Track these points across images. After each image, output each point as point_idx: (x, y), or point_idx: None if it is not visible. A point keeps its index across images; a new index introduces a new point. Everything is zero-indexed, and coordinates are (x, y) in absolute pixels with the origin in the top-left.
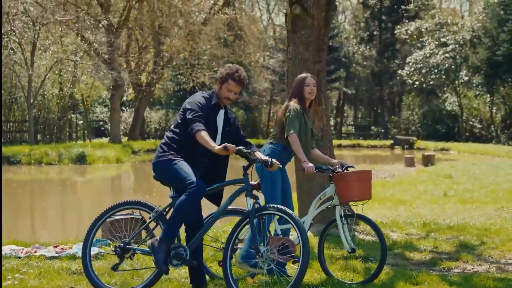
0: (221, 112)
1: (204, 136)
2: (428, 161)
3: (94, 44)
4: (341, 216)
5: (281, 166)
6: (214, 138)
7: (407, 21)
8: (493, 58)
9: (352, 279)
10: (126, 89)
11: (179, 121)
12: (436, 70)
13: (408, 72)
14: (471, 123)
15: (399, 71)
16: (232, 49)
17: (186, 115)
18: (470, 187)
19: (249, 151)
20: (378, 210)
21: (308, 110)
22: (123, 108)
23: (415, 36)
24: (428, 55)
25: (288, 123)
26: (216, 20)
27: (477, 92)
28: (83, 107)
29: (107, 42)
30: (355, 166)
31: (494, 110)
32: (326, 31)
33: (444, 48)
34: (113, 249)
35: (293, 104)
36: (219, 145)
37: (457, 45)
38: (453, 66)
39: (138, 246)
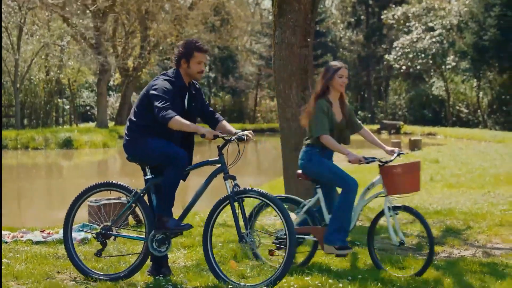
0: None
1: (180, 120)
2: (414, 145)
3: (81, 29)
4: (389, 208)
5: (252, 137)
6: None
7: (394, 5)
8: (480, 43)
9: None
10: (113, 73)
11: (143, 106)
12: (423, 55)
13: (395, 57)
14: (458, 108)
15: (386, 56)
16: (219, 33)
17: (153, 102)
18: (457, 172)
19: (225, 135)
20: None
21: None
22: (110, 92)
23: (402, 21)
24: (415, 40)
25: (315, 124)
26: (203, 5)
27: (464, 77)
28: (70, 92)
29: (93, 27)
30: (407, 152)
31: (480, 95)
32: (313, 15)
33: (431, 33)
34: (94, 236)
35: (315, 103)
36: None
37: (444, 30)
38: (440, 51)
39: (119, 231)
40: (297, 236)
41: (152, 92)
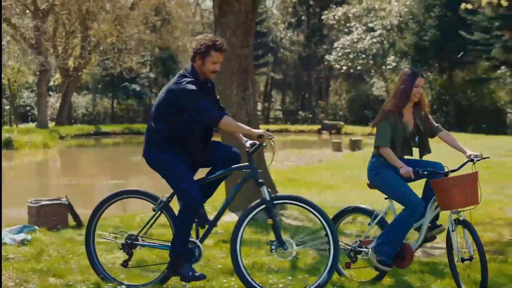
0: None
1: (231, 120)
2: (355, 146)
3: (21, 28)
4: (454, 221)
5: (273, 136)
6: None
7: (334, 6)
8: (420, 43)
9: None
10: (53, 74)
11: (165, 108)
12: (363, 55)
13: (335, 58)
14: None
15: (327, 56)
16: (159, 33)
17: (189, 106)
18: None
19: (260, 142)
20: (305, 195)
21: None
22: (50, 93)
23: (342, 22)
24: (355, 40)
25: (377, 133)
26: (144, 5)
27: None
28: (10, 92)
29: (34, 27)
30: (488, 157)
31: None
32: (253, 16)
33: (372, 33)
34: (120, 246)
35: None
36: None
37: (384, 31)
38: (380, 51)
39: (144, 240)
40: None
41: (181, 97)
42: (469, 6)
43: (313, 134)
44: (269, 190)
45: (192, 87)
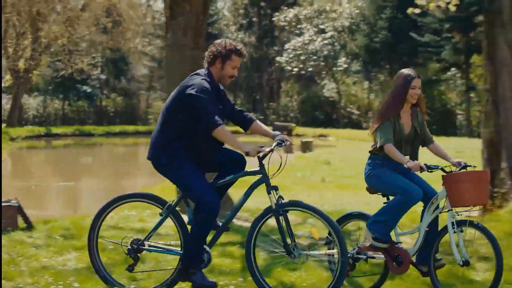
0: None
1: (226, 131)
2: (306, 147)
3: None
4: (453, 224)
5: (293, 143)
6: None
7: (286, 8)
8: (371, 45)
9: None
10: (4, 75)
11: (175, 109)
12: (314, 57)
13: (286, 59)
14: (349, 109)
15: (278, 58)
16: (111, 35)
17: (197, 105)
18: (348, 173)
19: (268, 149)
20: (255, 197)
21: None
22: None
23: (293, 23)
24: (306, 42)
25: (378, 133)
26: (95, 6)
27: (356, 79)
28: None
29: None
30: (475, 166)
31: (372, 97)
32: (205, 17)
33: (323, 35)
34: (126, 251)
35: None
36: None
37: (335, 32)
38: (331, 53)
39: (149, 245)
40: (368, 256)
41: (194, 93)
42: (417, 11)
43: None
44: (280, 195)
45: (207, 85)
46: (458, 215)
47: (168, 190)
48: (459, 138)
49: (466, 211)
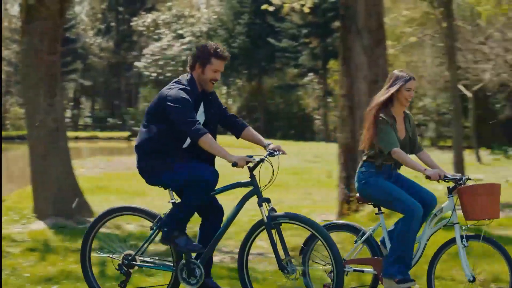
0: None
1: (211, 140)
2: None
3: None
4: (461, 237)
5: (286, 153)
6: None
7: (144, 12)
8: (229, 50)
9: None
10: None
11: (157, 119)
12: (173, 62)
13: (145, 64)
14: None
15: (136, 63)
16: None
17: (175, 116)
18: None
19: (257, 159)
20: (115, 202)
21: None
22: None
23: (152, 28)
24: (165, 47)
25: (382, 138)
26: None
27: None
28: None
29: None
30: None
31: (230, 102)
32: (61, 22)
33: (181, 40)
34: (117, 267)
35: (381, 115)
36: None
37: (194, 37)
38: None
39: (143, 260)
40: (355, 269)
41: (170, 104)
42: (271, 8)
43: (122, 141)
44: (273, 208)
45: (184, 95)
46: (463, 229)
47: (25, 194)
48: (317, 143)
49: (473, 225)
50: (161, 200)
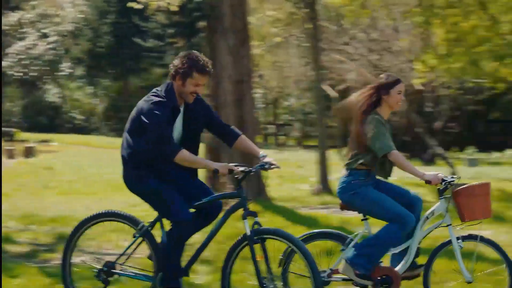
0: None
1: (187, 155)
2: (29, 152)
3: None
4: (458, 238)
5: (280, 167)
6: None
7: (9, 11)
8: (95, 50)
9: None
10: None
11: (137, 131)
12: (39, 62)
13: (9, 64)
14: (72, 114)
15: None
16: None
17: (148, 132)
18: (71, 178)
19: (243, 168)
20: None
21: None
22: None
23: (16, 27)
24: (30, 46)
25: (378, 140)
26: None
27: (80, 84)
28: None
29: None
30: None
31: (96, 101)
32: None
33: (46, 39)
34: (96, 274)
35: (373, 116)
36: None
37: (59, 37)
38: (55, 58)
39: (123, 269)
40: (343, 278)
41: (143, 119)
42: (137, 6)
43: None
44: (258, 222)
45: (158, 110)
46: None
47: None
48: None
49: (460, 225)
50: (23, 201)
